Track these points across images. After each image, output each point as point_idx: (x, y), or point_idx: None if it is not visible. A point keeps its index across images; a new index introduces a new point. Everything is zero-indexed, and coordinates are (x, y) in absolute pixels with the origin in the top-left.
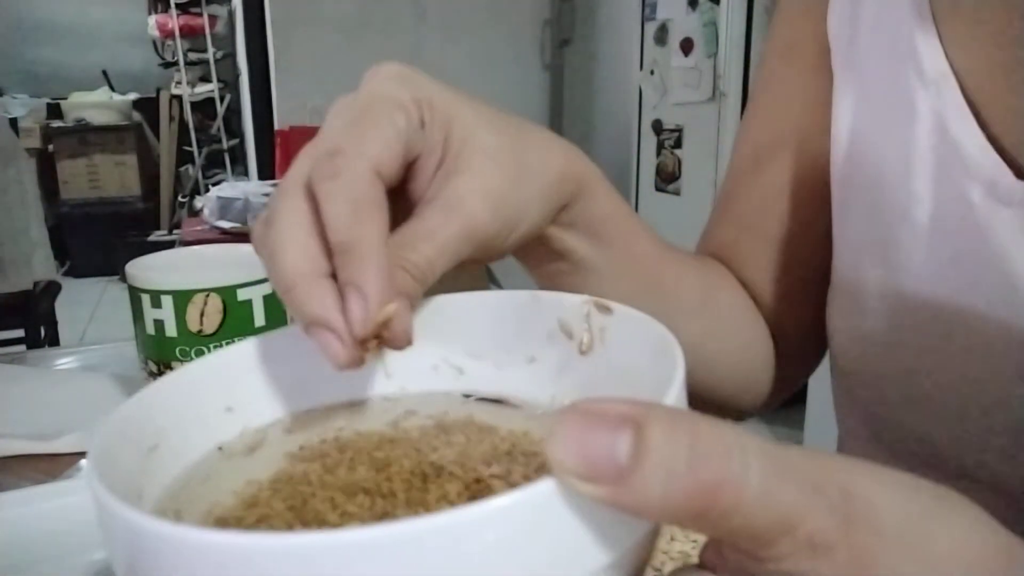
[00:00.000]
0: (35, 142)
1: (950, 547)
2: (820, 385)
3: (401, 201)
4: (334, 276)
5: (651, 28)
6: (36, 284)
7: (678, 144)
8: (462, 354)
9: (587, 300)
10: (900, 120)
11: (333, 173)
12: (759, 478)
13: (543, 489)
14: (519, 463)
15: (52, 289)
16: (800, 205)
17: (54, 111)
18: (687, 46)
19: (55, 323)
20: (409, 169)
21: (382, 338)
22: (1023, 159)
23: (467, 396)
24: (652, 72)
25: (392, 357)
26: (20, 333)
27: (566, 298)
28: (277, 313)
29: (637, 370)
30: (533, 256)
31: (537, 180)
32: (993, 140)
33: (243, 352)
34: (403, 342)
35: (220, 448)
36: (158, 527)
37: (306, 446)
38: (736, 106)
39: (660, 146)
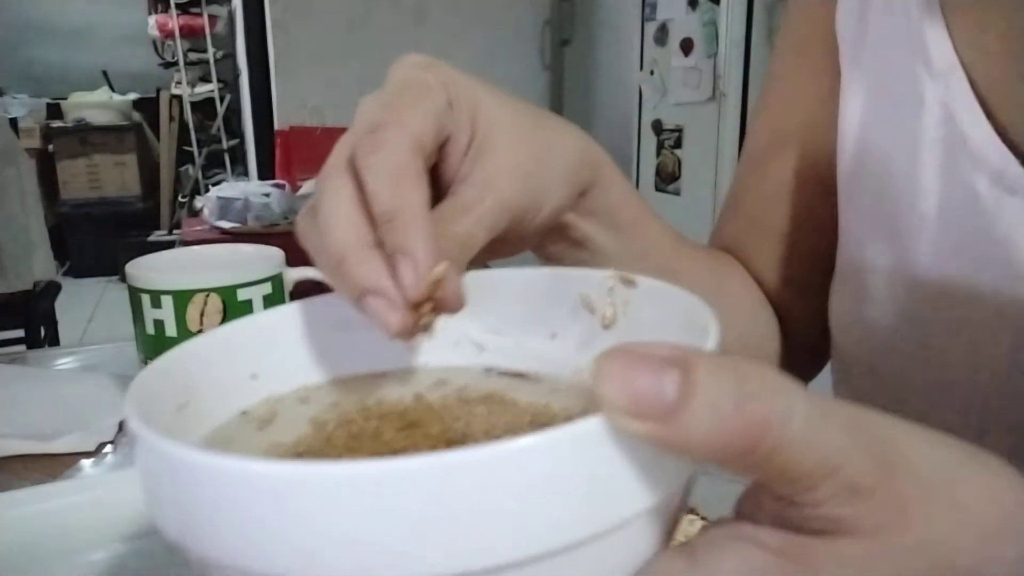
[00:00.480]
0: (35, 142)
1: (984, 497)
2: (819, 388)
3: (432, 184)
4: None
5: (651, 28)
6: (36, 284)
7: (678, 144)
8: (483, 330)
9: (611, 274)
10: (908, 112)
11: (375, 147)
12: (803, 419)
13: (590, 425)
14: None
15: (52, 289)
16: (806, 199)
17: (54, 111)
18: (687, 46)
19: (55, 323)
20: (439, 151)
21: (435, 302)
22: None
23: (488, 370)
24: (652, 72)
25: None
26: (20, 333)
27: (588, 273)
28: None
29: (668, 337)
30: (552, 247)
31: (559, 161)
32: (1000, 131)
33: (272, 320)
34: (456, 303)
35: (244, 413)
36: (218, 460)
37: (330, 413)
38: (736, 106)
39: (660, 146)
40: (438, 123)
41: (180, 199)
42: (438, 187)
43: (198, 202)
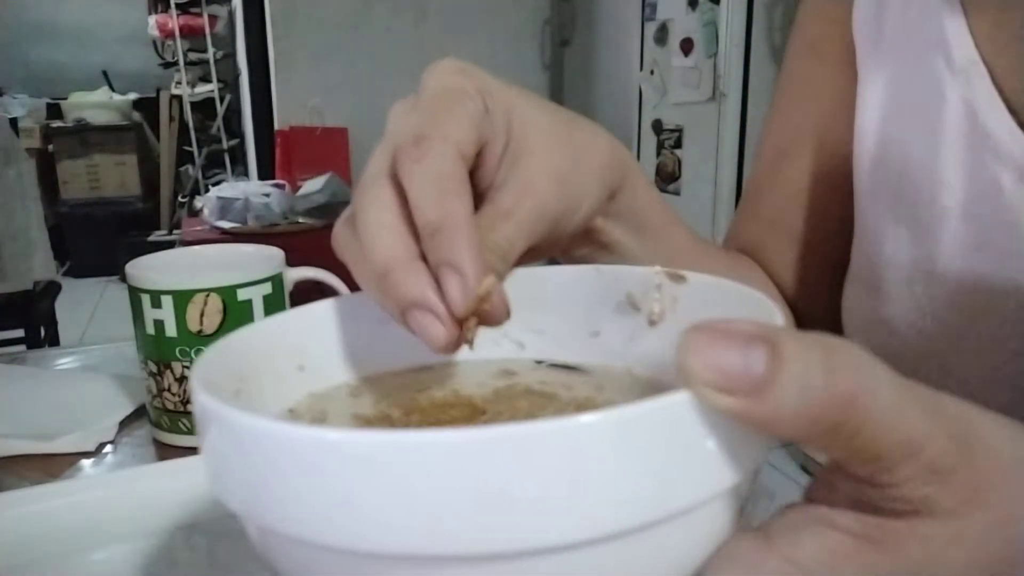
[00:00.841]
0: (35, 142)
1: None
2: None
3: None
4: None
5: (651, 28)
6: (36, 284)
7: (678, 144)
8: (523, 329)
9: (658, 270)
10: (928, 107)
11: (418, 157)
12: (888, 396)
13: (677, 400)
14: None
15: (52, 289)
16: (823, 200)
17: (54, 111)
18: (687, 46)
19: (55, 323)
20: (476, 157)
21: (481, 315)
22: None
23: (539, 362)
24: (652, 72)
25: None
26: (20, 333)
27: (632, 270)
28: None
29: None
30: (578, 250)
31: (593, 163)
32: (1022, 125)
33: (318, 313)
34: (502, 317)
35: (291, 411)
36: (296, 429)
37: (374, 409)
38: (736, 106)
39: (660, 146)
40: (478, 130)
41: (180, 199)
42: (473, 194)
43: (198, 202)
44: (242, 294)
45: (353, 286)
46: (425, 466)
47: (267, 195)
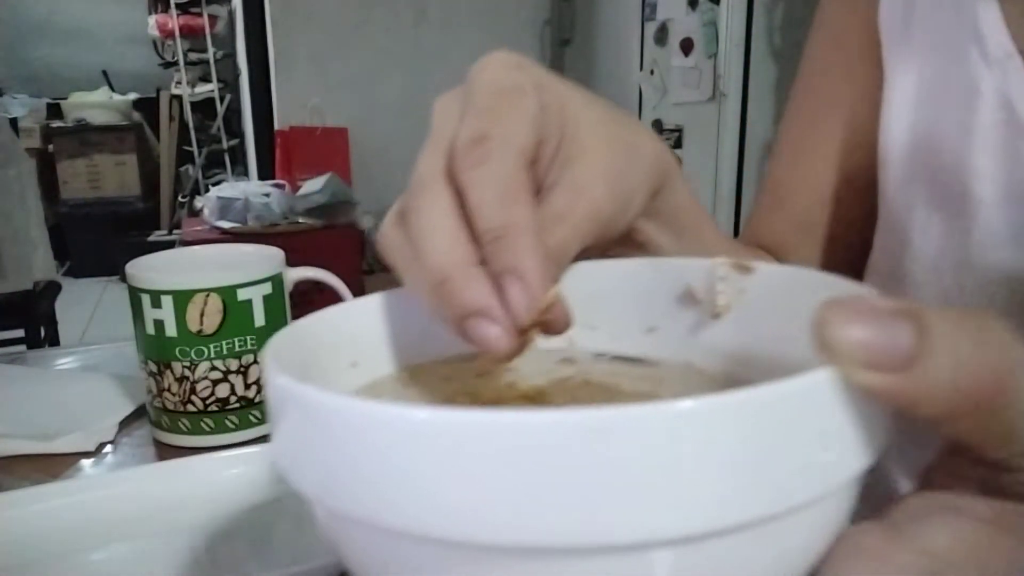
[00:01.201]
0: (35, 142)
1: None
2: None
3: None
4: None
5: (651, 28)
6: (36, 284)
7: (678, 144)
8: (575, 326)
9: (723, 262)
10: (962, 100)
11: (480, 160)
12: None
13: (820, 378)
14: None
15: (52, 289)
16: (847, 195)
17: (54, 111)
18: (687, 46)
19: (55, 323)
20: None
21: (543, 324)
22: None
23: (599, 355)
24: (652, 72)
25: None
26: (20, 333)
27: (693, 262)
28: (277, 313)
29: (792, 325)
30: (613, 250)
31: (641, 161)
32: None
33: (366, 308)
34: (564, 326)
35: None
36: (381, 408)
37: (429, 397)
38: (736, 106)
39: None
40: (537, 130)
41: (180, 199)
42: None
43: (198, 202)
44: (242, 294)
45: (353, 286)
46: (549, 448)
47: (267, 195)
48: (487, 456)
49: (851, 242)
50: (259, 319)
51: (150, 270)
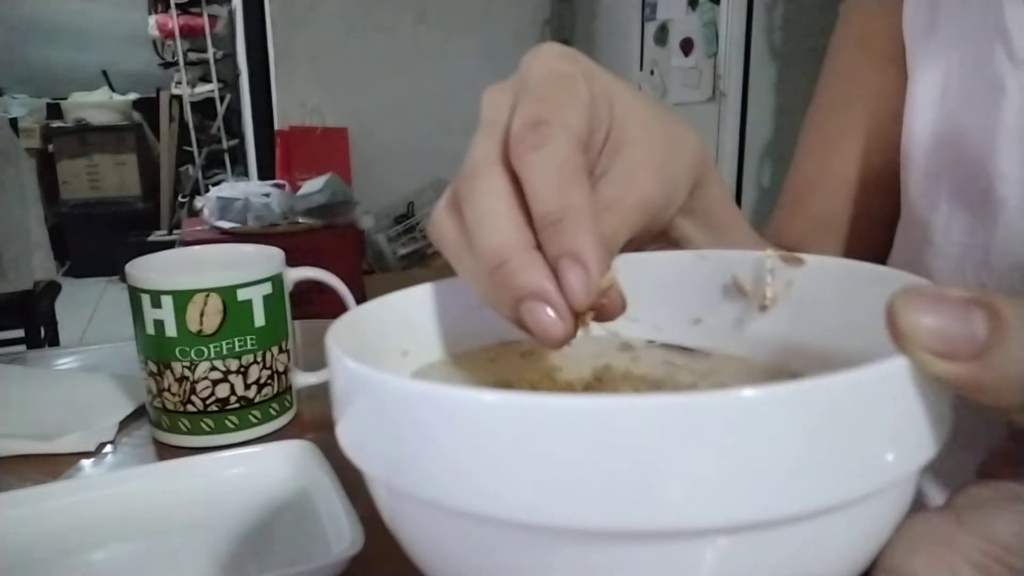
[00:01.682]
0: (35, 142)
1: None
2: None
3: None
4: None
5: (651, 28)
6: (36, 284)
7: None
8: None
9: (771, 254)
10: (987, 99)
11: (538, 144)
12: None
13: (895, 366)
14: None
15: (52, 289)
16: (870, 196)
17: (54, 111)
18: (687, 46)
19: (55, 323)
20: None
21: (598, 309)
22: None
23: (651, 342)
24: (652, 72)
25: None
26: (20, 333)
27: (740, 254)
28: (277, 313)
29: (846, 316)
30: (649, 246)
31: (684, 155)
32: None
33: (413, 298)
34: (619, 311)
35: None
36: (455, 392)
37: (472, 382)
38: (736, 106)
39: None
40: (590, 119)
41: (180, 199)
42: None
43: (198, 202)
44: (242, 294)
45: (353, 286)
46: (617, 432)
47: (267, 195)
48: (554, 440)
49: (871, 241)
50: (259, 319)
51: (150, 270)
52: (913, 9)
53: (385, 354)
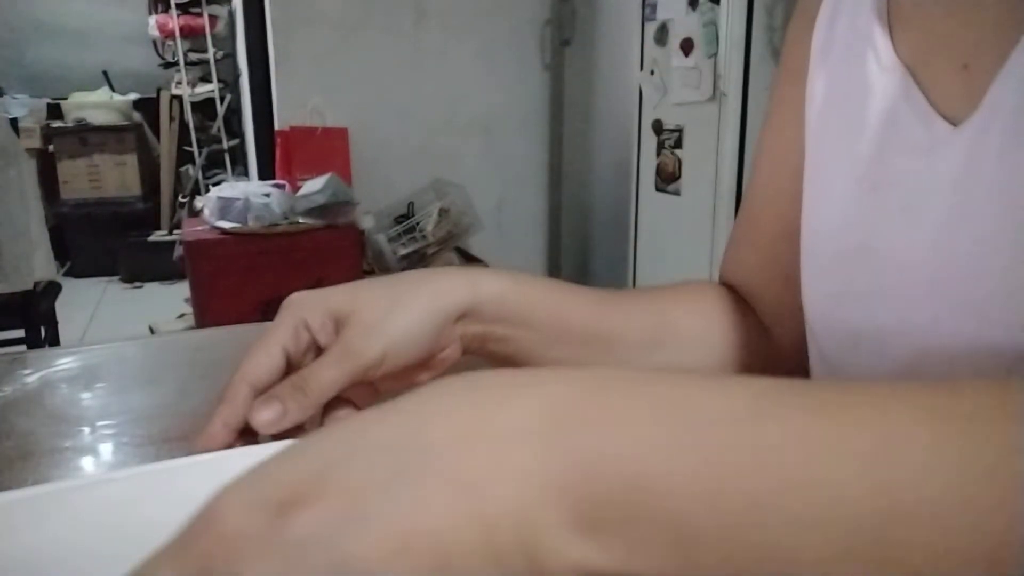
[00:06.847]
0: (35, 142)
1: None
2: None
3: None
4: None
5: (651, 28)
6: (36, 284)
7: (678, 144)
8: None
9: None
10: (856, 97)
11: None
12: None
13: None
14: None
15: (52, 289)
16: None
17: (54, 111)
18: (687, 46)
19: (55, 323)
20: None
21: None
22: (956, 121)
23: None
24: (652, 72)
25: None
26: (20, 333)
27: None
28: None
29: None
30: (481, 350)
31: (418, 306)
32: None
33: None
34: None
35: None
36: None
37: None
38: (736, 106)
39: (660, 146)
40: (277, 359)
41: (180, 199)
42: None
43: (198, 202)
44: None
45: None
46: None
47: (267, 195)
48: None
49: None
50: None
51: None
52: (818, 32)
53: None
